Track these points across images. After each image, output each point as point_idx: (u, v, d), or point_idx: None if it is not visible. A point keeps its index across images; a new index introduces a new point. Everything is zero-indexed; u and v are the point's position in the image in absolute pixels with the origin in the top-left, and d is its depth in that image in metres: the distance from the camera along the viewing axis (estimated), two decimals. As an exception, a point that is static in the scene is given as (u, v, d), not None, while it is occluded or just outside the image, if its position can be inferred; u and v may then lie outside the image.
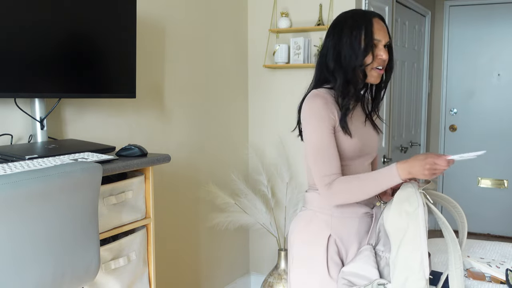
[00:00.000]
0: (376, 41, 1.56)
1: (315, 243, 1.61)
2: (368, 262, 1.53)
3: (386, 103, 3.51)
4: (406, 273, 1.45)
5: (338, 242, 1.61)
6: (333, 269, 1.59)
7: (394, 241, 1.49)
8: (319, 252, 1.59)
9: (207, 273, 2.99)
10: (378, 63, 1.58)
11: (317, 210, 1.64)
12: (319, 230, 1.61)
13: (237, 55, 3.15)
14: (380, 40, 1.57)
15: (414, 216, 1.46)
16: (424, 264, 1.42)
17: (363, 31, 1.55)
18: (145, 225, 1.87)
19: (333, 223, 1.61)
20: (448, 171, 4.95)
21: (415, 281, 1.43)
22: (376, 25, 1.57)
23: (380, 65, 1.58)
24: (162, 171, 2.56)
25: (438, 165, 1.43)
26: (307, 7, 3.03)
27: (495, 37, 4.66)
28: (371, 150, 1.67)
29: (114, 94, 2.04)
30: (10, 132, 1.81)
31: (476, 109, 4.79)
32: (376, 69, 1.58)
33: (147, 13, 2.42)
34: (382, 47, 1.57)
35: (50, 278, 1.29)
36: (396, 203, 1.50)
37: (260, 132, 3.26)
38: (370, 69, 1.58)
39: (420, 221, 1.45)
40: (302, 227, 1.66)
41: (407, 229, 1.46)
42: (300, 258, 1.64)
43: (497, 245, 2.22)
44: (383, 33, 1.57)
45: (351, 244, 1.62)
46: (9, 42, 1.62)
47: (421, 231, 1.44)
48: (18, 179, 1.17)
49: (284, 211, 2.96)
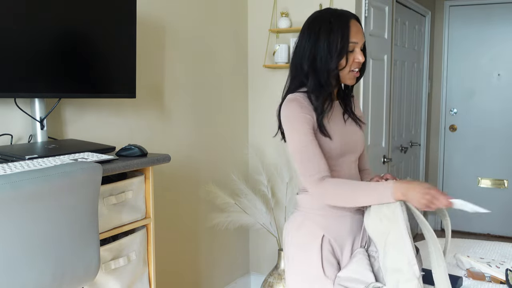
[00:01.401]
0: (352, 44, 1.56)
1: (309, 245, 1.60)
2: (363, 265, 1.53)
3: (386, 103, 3.51)
4: (397, 276, 1.45)
5: (332, 242, 1.60)
6: (328, 269, 1.58)
7: (379, 246, 1.49)
8: (314, 254, 1.59)
9: (207, 273, 2.99)
10: (355, 66, 1.58)
11: (309, 211, 1.63)
12: (312, 231, 1.61)
13: (237, 55, 3.15)
14: (357, 43, 1.56)
15: (394, 218, 1.45)
16: (412, 263, 1.41)
17: (340, 34, 1.54)
18: (145, 225, 1.87)
19: (325, 223, 1.61)
20: (448, 171, 4.95)
21: (406, 282, 1.42)
22: (353, 28, 1.56)
23: (357, 67, 1.58)
24: (162, 171, 2.55)
25: (438, 200, 1.39)
26: (307, 7, 3.02)
27: (495, 37, 4.66)
28: (353, 148, 1.66)
29: (114, 94, 2.04)
30: (10, 132, 1.81)
31: (476, 109, 4.79)
32: (352, 71, 1.59)
33: (147, 13, 2.42)
34: (359, 49, 1.57)
35: (50, 278, 1.29)
36: (375, 208, 1.50)
37: (260, 132, 3.26)
38: (347, 72, 1.58)
39: (400, 222, 1.43)
40: (295, 230, 1.65)
41: (389, 233, 1.46)
42: (295, 261, 1.64)
43: (497, 245, 2.21)
44: (360, 35, 1.57)
45: (345, 242, 1.62)
46: (9, 42, 1.62)
47: (402, 232, 1.43)
48: (18, 179, 1.17)
49: (284, 211, 2.96)
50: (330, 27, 1.55)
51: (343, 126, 1.64)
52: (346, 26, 1.55)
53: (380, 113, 3.43)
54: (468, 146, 4.85)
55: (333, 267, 1.59)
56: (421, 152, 4.71)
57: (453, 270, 1.90)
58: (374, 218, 1.49)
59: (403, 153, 4.09)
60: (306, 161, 1.52)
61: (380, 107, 3.42)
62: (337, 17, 1.58)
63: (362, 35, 1.58)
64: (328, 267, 1.58)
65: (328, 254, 1.59)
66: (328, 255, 1.59)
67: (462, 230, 4.91)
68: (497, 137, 4.72)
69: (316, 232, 1.60)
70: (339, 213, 1.61)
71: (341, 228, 1.61)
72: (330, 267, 1.58)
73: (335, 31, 1.55)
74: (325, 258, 1.59)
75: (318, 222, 1.61)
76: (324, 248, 1.59)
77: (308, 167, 1.52)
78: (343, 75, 1.59)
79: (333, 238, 1.61)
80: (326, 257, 1.59)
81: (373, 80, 3.22)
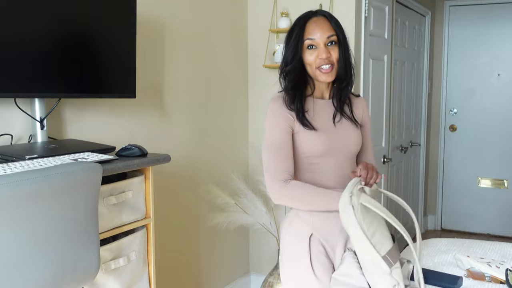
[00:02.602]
0: (309, 41, 1.56)
1: (298, 243, 1.60)
2: (353, 268, 1.52)
3: (386, 103, 3.51)
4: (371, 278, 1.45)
5: (323, 242, 1.60)
6: (319, 270, 1.57)
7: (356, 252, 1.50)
8: (303, 252, 1.58)
9: (207, 273, 2.99)
10: (319, 63, 1.57)
11: (299, 210, 1.63)
12: (301, 230, 1.61)
13: (237, 55, 3.15)
14: (313, 39, 1.56)
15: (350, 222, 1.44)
16: (377, 261, 1.40)
17: (295, 32, 1.58)
18: (145, 225, 1.87)
19: (314, 222, 1.60)
20: (448, 171, 4.96)
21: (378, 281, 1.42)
22: (311, 25, 1.57)
23: (322, 64, 1.57)
24: (162, 171, 2.55)
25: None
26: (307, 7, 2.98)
27: (495, 37, 4.66)
28: (343, 147, 1.64)
29: (114, 94, 2.04)
30: (10, 132, 1.81)
31: (476, 109, 4.79)
32: (319, 68, 1.58)
33: (147, 12, 2.42)
34: (322, 46, 1.56)
35: (50, 278, 1.29)
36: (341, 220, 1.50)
37: (260, 132, 3.26)
38: (314, 70, 1.59)
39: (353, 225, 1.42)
40: (286, 229, 1.66)
41: (352, 238, 1.45)
42: (286, 259, 1.64)
43: (497, 245, 2.21)
44: (319, 31, 1.56)
45: (337, 243, 1.61)
46: (9, 42, 1.62)
47: (358, 234, 1.41)
48: (18, 179, 1.17)
49: (284, 211, 2.96)
50: (291, 29, 1.61)
51: (331, 124, 1.64)
52: (302, 24, 1.58)
53: (380, 113, 3.43)
54: (468, 146, 4.85)
55: (324, 267, 1.57)
56: (421, 152, 4.71)
57: (453, 270, 1.90)
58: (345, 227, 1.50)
59: (403, 153, 4.09)
60: (278, 157, 1.54)
61: (380, 107, 3.42)
62: (301, 18, 1.61)
63: (326, 31, 1.56)
64: (319, 267, 1.57)
65: (319, 254, 1.58)
66: (319, 255, 1.58)
67: (462, 230, 4.91)
68: (497, 137, 4.72)
69: (304, 231, 1.60)
70: (328, 213, 1.59)
71: (330, 228, 1.60)
72: (320, 267, 1.57)
73: (294, 31, 1.59)
74: (315, 257, 1.57)
75: (306, 221, 1.61)
76: (313, 248, 1.58)
77: (277, 163, 1.54)
78: (312, 73, 1.60)
79: (323, 238, 1.60)
80: (316, 256, 1.58)
81: (373, 80, 3.22)
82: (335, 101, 1.67)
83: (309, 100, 1.64)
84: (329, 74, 1.58)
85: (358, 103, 1.75)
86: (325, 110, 1.65)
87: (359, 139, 1.69)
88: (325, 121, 1.63)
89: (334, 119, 1.65)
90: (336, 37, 1.58)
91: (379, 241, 1.42)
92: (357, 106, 1.74)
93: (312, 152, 1.59)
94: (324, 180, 1.61)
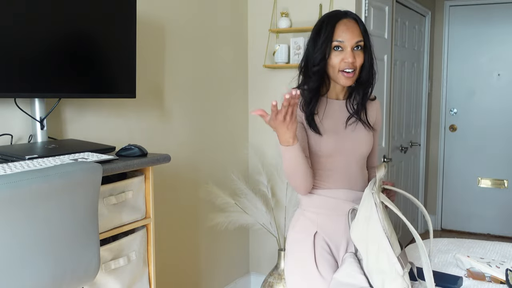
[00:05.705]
0: (337, 43, 1.55)
1: (303, 240, 1.62)
2: (353, 269, 1.53)
3: (386, 103, 3.51)
4: (381, 276, 1.45)
5: (327, 240, 1.62)
6: (323, 267, 1.58)
7: (361, 250, 1.50)
8: (307, 249, 1.60)
9: (207, 273, 2.99)
10: (344, 66, 1.56)
11: (305, 208, 1.66)
12: (305, 227, 1.63)
13: (237, 55, 3.15)
14: (342, 41, 1.54)
15: (371, 219, 1.45)
16: (392, 261, 1.41)
17: (325, 32, 1.55)
18: (145, 225, 1.87)
19: (319, 220, 1.62)
20: (448, 171, 4.96)
21: (391, 281, 1.42)
22: (341, 27, 1.55)
23: (346, 68, 1.56)
24: (162, 171, 2.55)
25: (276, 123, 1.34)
26: (307, 7, 3.02)
27: (495, 37, 4.66)
28: (351, 150, 1.64)
29: (114, 94, 2.04)
30: (10, 132, 1.81)
31: (476, 109, 4.79)
32: (343, 72, 1.56)
33: (147, 13, 2.42)
34: (349, 49, 1.55)
35: (50, 278, 1.29)
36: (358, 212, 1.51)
37: (260, 132, 3.26)
38: (337, 72, 1.57)
39: (375, 221, 1.43)
40: (293, 226, 1.69)
41: (368, 234, 1.46)
42: (291, 257, 1.65)
43: (497, 245, 2.21)
44: (348, 34, 1.55)
45: (341, 242, 1.63)
46: (9, 42, 1.62)
47: (378, 231, 1.43)
48: (18, 179, 1.17)
49: (284, 211, 2.96)
50: (319, 29, 1.58)
51: (341, 126, 1.63)
52: (333, 24, 1.56)
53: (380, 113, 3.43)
54: (468, 146, 4.85)
55: (328, 264, 1.59)
56: (421, 152, 4.71)
57: (453, 270, 1.90)
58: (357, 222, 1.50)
59: (403, 153, 4.09)
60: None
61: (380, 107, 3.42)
62: (330, 16, 1.59)
63: (354, 35, 1.55)
64: (323, 264, 1.58)
65: (323, 251, 1.60)
66: (323, 252, 1.60)
67: (462, 230, 4.92)
68: (497, 137, 4.72)
69: (309, 229, 1.62)
70: (333, 212, 1.62)
71: (334, 228, 1.62)
72: (325, 264, 1.58)
73: (322, 30, 1.56)
74: (319, 254, 1.59)
75: (311, 219, 1.63)
76: (318, 245, 1.60)
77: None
78: (333, 75, 1.59)
79: (328, 237, 1.62)
80: (321, 253, 1.59)
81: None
82: (350, 104, 1.67)
83: (322, 100, 1.64)
84: (350, 78, 1.58)
85: (372, 106, 1.76)
86: (337, 111, 1.65)
87: (369, 142, 1.69)
88: (334, 123, 1.63)
89: (347, 122, 1.64)
90: (363, 43, 1.58)
91: (394, 242, 1.44)
92: (371, 109, 1.75)
93: (317, 152, 1.61)
94: (332, 176, 1.63)
